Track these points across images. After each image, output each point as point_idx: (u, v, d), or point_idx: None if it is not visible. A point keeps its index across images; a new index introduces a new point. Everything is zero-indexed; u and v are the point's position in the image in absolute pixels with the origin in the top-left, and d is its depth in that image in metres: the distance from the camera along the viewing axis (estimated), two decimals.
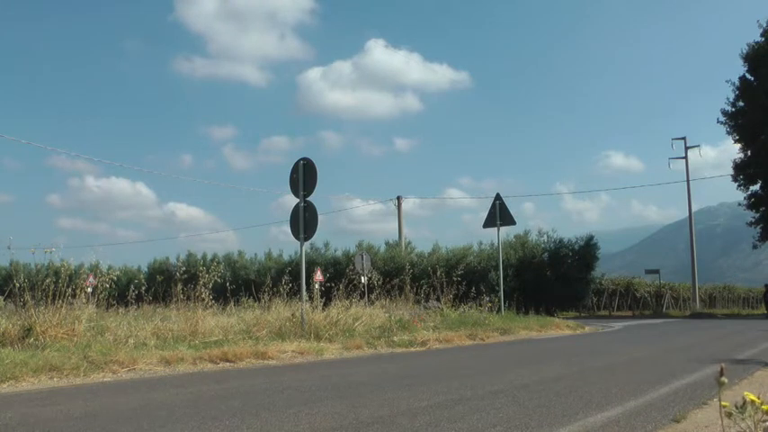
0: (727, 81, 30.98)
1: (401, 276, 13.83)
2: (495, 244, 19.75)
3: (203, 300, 9.50)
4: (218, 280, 10.28)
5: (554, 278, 25.01)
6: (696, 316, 29.11)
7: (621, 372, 6.85)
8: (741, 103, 30.58)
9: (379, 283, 13.69)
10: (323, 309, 11.11)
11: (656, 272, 39.37)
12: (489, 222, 16.92)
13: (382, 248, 29.83)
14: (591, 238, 26.47)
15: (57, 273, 8.21)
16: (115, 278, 8.96)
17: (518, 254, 25.89)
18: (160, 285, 12.79)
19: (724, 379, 2.21)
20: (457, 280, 14.00)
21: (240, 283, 18.13)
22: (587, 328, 16.34)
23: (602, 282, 35.16)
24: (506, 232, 25.55)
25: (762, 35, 29.68)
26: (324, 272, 20.81)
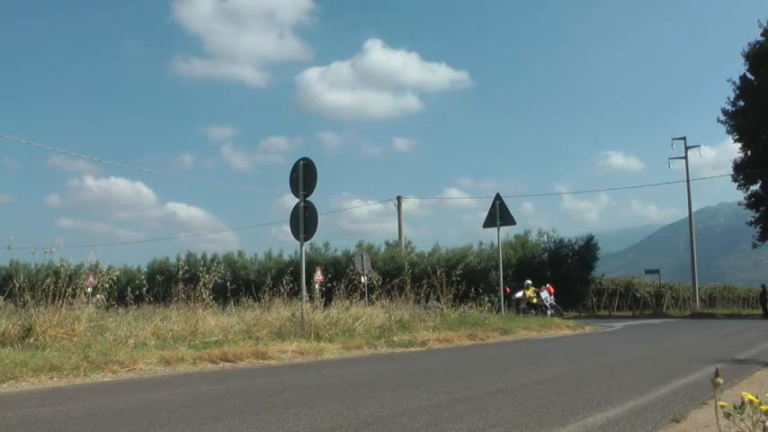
0: (727, 80, 31.07)
1: (401, 276, 13.80)
2: (495, 244, 19.77)
3: (203, 300, 9.50)
4: (219, 280, 10.28)
5: (554, 278, 25.02)
6: (696, 316, 29.10)
7: (621, 372, 6.85)
8: (741, 103, 30.60)
9: (379, 283, 13.68)
10: (323, 309, 11.12)
11: (656, 272, 39.35)
12: (489, 222, 16.90)
13: (382, 248, 29.87)
14: (591, 238, 26.53)
15: (57, 273, 8.20)
16: (115, 278, 8.95)
17: (518, 254, 25.92)
18: (160, 285, 12.81)
19: (719, 380, 2.22)
20: (457, 280, 13.99)
21: (240, 283, 18.15)
22: (587, 328, 16.34)
23: (602, 282, 35.16)
24: (506, 232, 25.58)
25: (762, 34, 29.71)
26: (324, 272, 20.81)
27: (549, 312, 20.85)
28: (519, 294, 22.03)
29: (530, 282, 22.88)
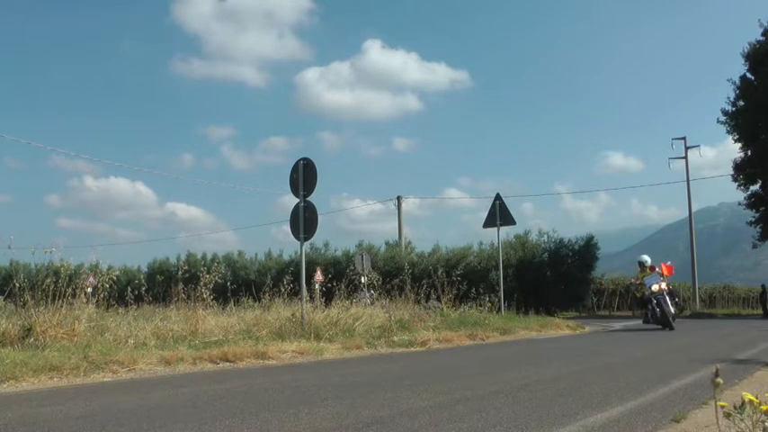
0: (727, 80, 31.02)
1: (401, 276, 13.80)
2: (495, 244, 19.76)
3: (203, 300, 9.51)
4: (219, 280, 10.29)
5: (554, 278, 25.01)
6: (696, 316, 29.10)
7: (621, 372, 6.85)
8: (741, 103, 30.57)
9: (379, 283, 13.68)
10: (323, 308, 11.12)
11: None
12: (489, 222, 16.91)
13: (382, 248, 29.83)
14: (591, 238, 26.49)
15: (57, 273, 8.20)
16: (115, 278, 8.95)
17: (518, 254, 25.89)
18: (160, 285, 12.81)
19: (719, 380, 2.22)
20: (457, 280, 13.99)
21: (240, 283, 18.12)
22: (587, 328, 16.33)
23: (602, 282, 35.17)
24: (506, 232, 25.54)
25: (762, 34, 29.67)
26: (324, 272, 20.81)
27: (657, 311, 14.51)
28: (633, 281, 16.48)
29: (646, 258, 15.92)
